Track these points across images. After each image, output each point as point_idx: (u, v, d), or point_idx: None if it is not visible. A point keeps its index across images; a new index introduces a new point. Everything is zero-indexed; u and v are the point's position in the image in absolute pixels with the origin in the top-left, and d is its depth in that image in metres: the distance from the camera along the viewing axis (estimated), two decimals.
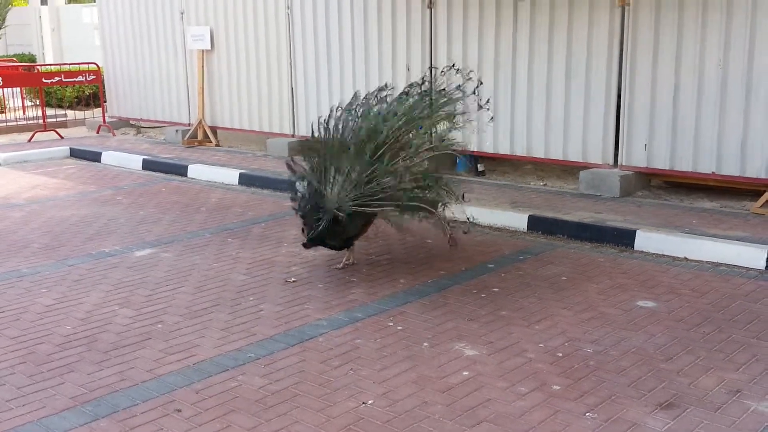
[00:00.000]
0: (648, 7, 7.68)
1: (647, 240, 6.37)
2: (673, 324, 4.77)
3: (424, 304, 5.17)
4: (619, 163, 8.15)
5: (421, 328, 4.74)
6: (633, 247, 6.41)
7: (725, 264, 5.93)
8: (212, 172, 9.99)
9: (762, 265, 5.82)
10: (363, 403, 3.79)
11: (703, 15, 7.35)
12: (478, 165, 9.48)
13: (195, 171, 10.16)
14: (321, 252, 6.26)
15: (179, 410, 3.75)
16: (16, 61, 17.72)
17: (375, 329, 4.74)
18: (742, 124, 7.31)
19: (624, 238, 6.49)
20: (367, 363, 4.26)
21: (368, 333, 4.69)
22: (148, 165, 10.78)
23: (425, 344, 4.50)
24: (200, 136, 12.31)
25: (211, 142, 12.20)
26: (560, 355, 4.33)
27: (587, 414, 3.66)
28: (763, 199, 7.17)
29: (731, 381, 3.99)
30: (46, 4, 22.84)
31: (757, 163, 7.30)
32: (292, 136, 11.15)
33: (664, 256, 6.20)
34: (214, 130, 12.31)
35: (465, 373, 4.12)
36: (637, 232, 6.45)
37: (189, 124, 12.68)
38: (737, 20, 7.20)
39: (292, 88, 11.06)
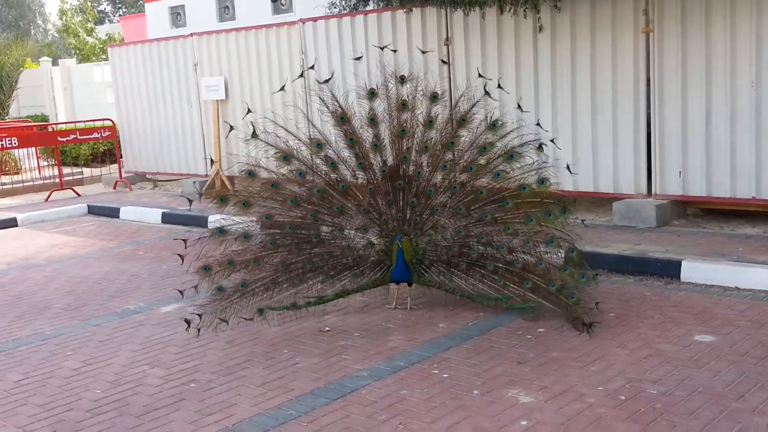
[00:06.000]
0: (673, 32, 7.50)
1: (694, 270, 6.09)
2: (738, 358, 4.48)
3: (469, 349, 4.90)
4: (653, 192, 7.90)
5: (468, 375, 4.47)
6: (679, 278, 6.13)
7: None
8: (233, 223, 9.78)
9: None
10: None
11: (732, 34, 7.16)
12: None
13: (215, 222, 9.95)
14: (354, 299, 6.02)
15: None
16: (30, 122, 17.75)
17: (420, 378, 4.47)
18: None
19: (669, 270, 6.21)
20: (416, 415, 3.99)
21: (413, 382, 4.42)
22: (167, 218, 10.62)
23: (476, 392, 4.23)
24: (218, 186, 12.17)
25: (229, 191, 12.04)
26: (623, 398, 4.04)
27: None
28: None
29: None
30: (58, 65, 23.01)
31: None
32: None
33: (713, 286, 5.92)
34: (231, 179, 12.16)
35: (523, 422, 3.84)
36: (683, 262, 6.18)
37: (206, 175, 12.56)
38: None
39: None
